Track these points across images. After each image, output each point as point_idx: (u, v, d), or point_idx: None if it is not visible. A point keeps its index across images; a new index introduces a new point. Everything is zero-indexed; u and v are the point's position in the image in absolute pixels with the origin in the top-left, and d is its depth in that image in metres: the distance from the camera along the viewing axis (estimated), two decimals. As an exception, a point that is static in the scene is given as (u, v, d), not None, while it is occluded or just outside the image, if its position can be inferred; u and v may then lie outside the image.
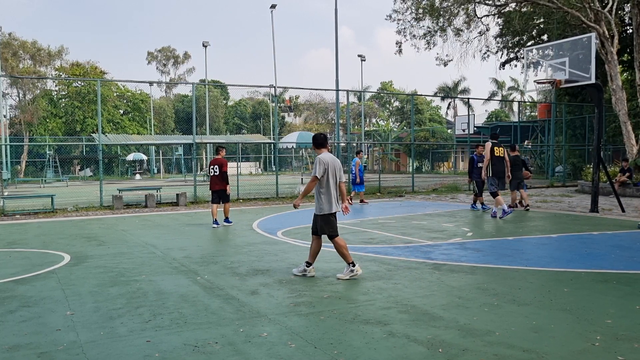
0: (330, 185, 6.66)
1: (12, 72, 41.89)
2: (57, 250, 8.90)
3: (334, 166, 6.71)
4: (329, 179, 6.66)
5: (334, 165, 6.71)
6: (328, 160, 6.68)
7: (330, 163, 6.69)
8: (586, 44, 13.76)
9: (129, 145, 44.09)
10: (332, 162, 6.72)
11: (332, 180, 6.69)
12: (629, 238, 9.66)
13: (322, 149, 6.84)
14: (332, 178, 6.68)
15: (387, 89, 67.83)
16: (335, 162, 6.76)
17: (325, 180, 6.66)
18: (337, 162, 6.80)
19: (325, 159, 6.67)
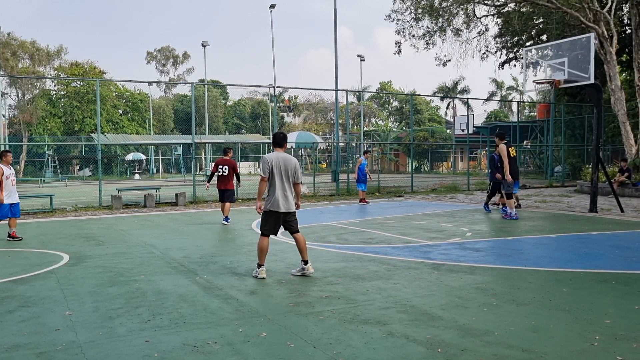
0: (275, 184, 6.58)
1: (11, 72, 41.89)
2: (56, 250, 8.89)
3: (282, 165, 6.60)
4: (274, 178, 6.58)
5: (281, 164, 6.60)
6: (273, 159, 6.59)
7: (275, 162, 6.60)
8: (585, 44, 13.77)
9: (128, 145, 44.08)
10: (279, 161, 6.61)
11: (279, 179, 6.58)
12: (627, 238, 9.66)
13: (278, 148, 6.80)
14: (278, 177, 6.58)
15: (386, 89, 67.84)
16: (287, 162, 6.64)
17: (270, 179, 6.62)
18: (290, 162, 6.68)
19: (270, 158, 6.60)
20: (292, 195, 6.73)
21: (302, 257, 6.78)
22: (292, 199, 6.72)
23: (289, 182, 6.64)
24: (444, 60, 27.15)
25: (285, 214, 6.68)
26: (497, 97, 62.67)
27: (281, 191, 6.59)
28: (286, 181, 6.62)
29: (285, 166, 6.63)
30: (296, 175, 6.72)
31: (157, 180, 38.94)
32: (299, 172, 6.76)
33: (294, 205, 6.75)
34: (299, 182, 6.79)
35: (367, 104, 64.12)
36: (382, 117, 70.52)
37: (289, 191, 6.65)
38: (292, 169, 6.68)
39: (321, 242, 9.47)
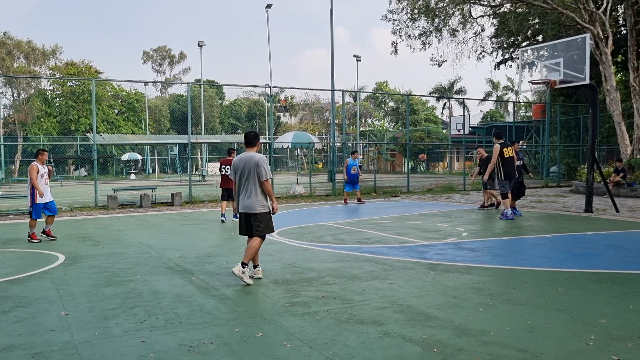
0: (238, 185, 6.39)
1: (7, 71, 41.71)
2: (51, 250, 8.86)
3: (242, 166, 6.32)
4: (236, 180, 6.41)
5: (240, 165, 6.34)
6: (236, 161, 6.40)
7: (236, 163, 6.39)
8: (581, 45, 13.82)
9: (124, 145, 43.96)
10: (240, 162, 6.35)
11: (239, 181, 6.37)
12: (623, 238, 9.70)
13: (249, 147, 6.49)
14: (238, 179, 6.37)
15: (383, 89, 67.90)
16: (247, 161, 6.31)
17: (236, 182, 6.45)
18: (250, 160, 6.30)
19: (234, 161, 6.45)
20: (258, 196, 6.29)
21: (253, 262, 6.54)
22: (257, 199, 6.28)
23: (253, 182, 6.27)
24: (440, 60, 27.23)
25: (248, 215, 6.35)
26: (493, 98, 62.83)
27: (243, 193, 6.33)
28: (249, 181, 6.27)
29: (244, 166, 6.32)
30: (259, 173, 6.25)
31: (153, 180, 38.86)
32: (261, 169, 6.24)
33: (257, 205, 6.29)
34: (266, 179, 6.28)
35: (364, 104, 64.16)
36: (378, 117, 70.57)
37: (252, 192, 6.28)
38: (251, 168, 6.27)
39: (317, 242, 9.47)
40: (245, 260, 6.29)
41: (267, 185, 6.30)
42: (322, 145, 49.11)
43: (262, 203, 6.34)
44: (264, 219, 6.35)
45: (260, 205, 6.32)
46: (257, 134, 6.63)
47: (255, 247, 6.35)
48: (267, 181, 6.28)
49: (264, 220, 6.36)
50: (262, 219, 6.34)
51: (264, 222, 6.35)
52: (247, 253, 6.34)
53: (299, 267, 7.24)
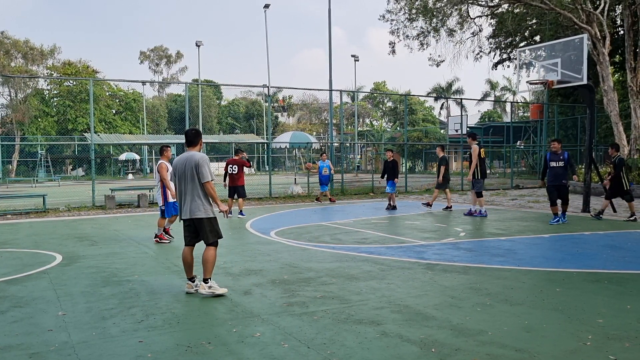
0: (180, 188, 5.81)
1: (4, 70, 41.62)
2: (48, 250, 8.85)
3: (181, 167, 5.76)
4: (178, 183, 5.83)
5: (180, 166, 5.78)
6: (176, 162, 5.85)
7: (176, 165, 5.85)
8: (578, 45, 13.84)
9: (122, 145, 43.90)
10: (180, 164, 5.77)
11: (179, 183, 5.81)
12: (620, 238, 9.72)
13: (190, 147, 5.86)
14: (178, 181, 5.83)
15: (381, 89, 67.92)
16: (186, 161, 5.73)
17: (176, 185, 5.94)
18: (190, 160, 5.71)
19: (174, 162, 5.92)
20: (201, 199, 5.70)
21: (204, 274, 5.81)
22: (199, 203, 5.69)
23: (192, 184, 5.68)
24: (438, 60, 27.26)
25: (191, 221, 5.80)
26: (491, 98, 62.90)
27: (183, 196, 5.77)
28: (188, 184, 5.70)
29: (183, 167, 5.73)
30: (199, 173, 5.64)
31: (151, 180, 38.75)
32: (202, 169, 5.62)
33: (200, 210, 5.68)
34: (206, 181, 5.65)
35: (362, 104, 64.17)
36: (376, 117, 70.59)
37: (194, 195, 5.69)
38: (190, 168, 5.68)
39: (315, 242, 9.47)
40: (207, 275, 5.76)
41: (208, 187, 5.65)
42: (320, 145, 49.11)
43: (206, 207, 5.71)
44: (209, 224, 5.77)
45: (204, 211, 5.70)
46: (198, 132, 5.96)
47: (211, 258, 5.76)
48: (208, 183, 5.64)
49: (209, 225, 5.77)
50: (207, 225, 5.76)
51: (209, 228, 5.77)
52: (206, 267, 5.75)
53: (297, 267, 7.24)
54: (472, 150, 13.11)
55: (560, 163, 11.62)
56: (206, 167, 5.70)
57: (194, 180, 5.71)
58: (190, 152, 5.83)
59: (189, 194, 5.74)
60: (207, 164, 5.73)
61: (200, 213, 5.72)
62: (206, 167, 5.70)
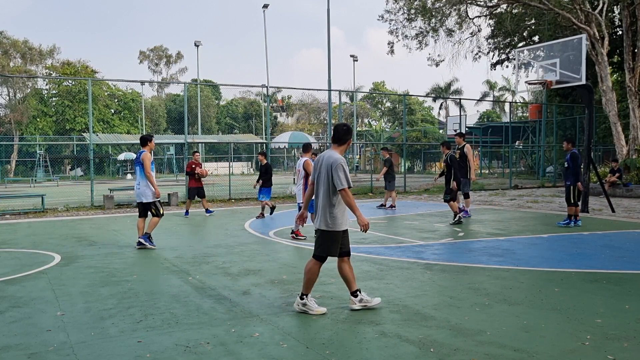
0: (316, 190, 5.44)
1: (3, 71, 41.57)
2: (47, 250, 8.84)
3: (320, 167, 5.38)
4: (316, 183, 5.44)
5: (319, 165, 5.41)
6: (316, 161, 5.48)
7: (316, 163, 5.48)
8: (577, 45, 13.86)
9: (120, 144, 43.87)
10: (319, 162, 5.42)
11: (318, 185, 5.38)
12: (618, 238, 9.73)
13: (337, 145, 5.37)
14: (316, 182, 5.41)
15: (379, 89, 67.94)
16: (326, 161, 5.29)
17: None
18: (328, 161, 5.24)
19: (315, 159, 5.56)
20: (329, 207, 5.18)
21: None
22: (327, 211, 5.18)
23: (325, 188, 5.19)
24: (437, 60, 27.27)
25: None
26: (490, 98, 62.94)
27: (317, 199, 5.38)
28: (321, 187, 5.23)
29: (319, 167, 5.38)
30: (333, 178, 5.13)
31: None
32: (337, 174, 5.08)
33: (324, 220, 5.20)
34: (341, 188, 5.09)
35: (360, 104, 64.17)
36: (375, 117, 70.60)
37: (325, 200, 5.19)
38: (326, 170, 5.27)
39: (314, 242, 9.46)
40: (305, 291, 5.22)
41: (344, 195, 5.09)
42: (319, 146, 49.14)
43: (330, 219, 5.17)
44: (322, 237, 5.25)
45: (325, 222, 5.19)
46: (350, 129, 5.43)
47: (309, 272, 5.21)
48: (343, 190, 5.06)
49: (322, 238, 5.23)
50: (321, 236, 5.26)
51: (321, 240, 5.26)
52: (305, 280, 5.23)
53: (296, 267, 7.24)
54: (467, 150, 12.91)
55: (565, 164, 11.52)
56: (342, 171, 5.07)
57: (324, 185, 5.17)
58: (331, 152, 5.25)
59: (321, 198, 5.21)
60: (344, 167, 5.12)
61: (322, 225, 5.17)
62: (342, 171, 5.07)
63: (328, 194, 5.13)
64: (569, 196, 11.36)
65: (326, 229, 5.14)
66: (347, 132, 5.31)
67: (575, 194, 11.32)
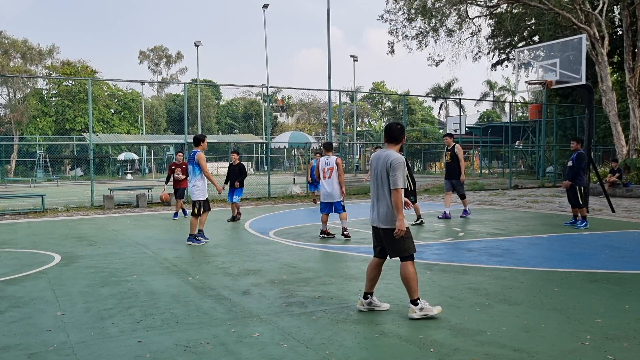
0: (373, 190, 5.32)
1: (3, 70, 41.57)
2: (47, 250, 8.84)
3: (377, 167, 5.23)
4: (372, 182, 5.33)
5: (376, 165, 5.26)
6: (372, 160, 5.36)
7: (372, 162, 5.35)
8: (577, 45, 13.86)
9: (120, 144, 43.86)
10: (375, 162, 5.27)
11: (375, 184, 5.29)
12: (618, 238, 9.73)
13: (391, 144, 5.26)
14: (374, 181, 5.31)
15: (379, 89, 67.95)
16: (383, 160, 5.14)
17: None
18: (386, 161, 5.09)
19: (371, 158, 5.42)
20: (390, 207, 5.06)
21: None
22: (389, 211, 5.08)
23: (383, 188, 5.12)
24: (437, 60, 27.26)
25: (377, 230, 5.31)
26: (490, 98, 62.96)
27: (374, 199, 5.28)
28: (379, 187, 5.16)
29: (377, 167, 5.25)
30: (390, 178, 5.06)
31: (150, 180, 38.76)
32: (395, 173, 4.99)
33: (389, 220, 5.09)
34: (395, 188, 5.01)
35: (360, 104, 64.19)
36: (375, 117, 70.61)
37: (383, 201, 5.11)
38: (383, 170, 5.17)
39: (314, 242, 9.48)
40: (414, 296, 5.00)
41: (396, 195, 4.99)
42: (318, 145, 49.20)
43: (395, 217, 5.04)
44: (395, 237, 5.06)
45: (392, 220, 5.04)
46: (403, 128, 5.34)
47: (410, 275, 4.98)
48: (397, 191, 4.99)
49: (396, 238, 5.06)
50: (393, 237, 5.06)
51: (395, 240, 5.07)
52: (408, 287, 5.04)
53: (296, 267, 7.24)
54: (458, 150, 12.75)
55: (570, 163, 11.25)
56: (400, 171, 4.99)
57: (384, 184, 5.09)
58: (388, 151, 5.17)
59: (378, 198, 5.17)
60: (403, 167, 5.03)
61: (391, 223, 5.05)
62: (400, 171, 4.99)
63: (390, 193, 5.06)
64: (576, 197, 11.11)
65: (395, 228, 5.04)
66: (402, 131, 5.26)
67: (582, 194, 11.13)
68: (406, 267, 5.00)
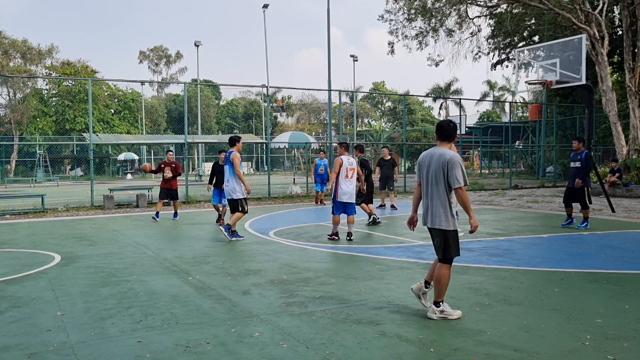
0: (424, 190, 5.24)
1: (3, 70, 41.57)
2: (47, 250, 8.83)
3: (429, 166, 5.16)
4: (422, 182, 5.29)
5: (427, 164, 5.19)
6: (421, 159, 5.28)
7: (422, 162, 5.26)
8: (577, 45, 13.88)
9: (120, 144, 43.86)
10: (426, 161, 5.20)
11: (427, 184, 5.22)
12: (618, 238, 9.73)
13: (444, 142, 5.17)
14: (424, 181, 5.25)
15: (379, 89, 67.95)
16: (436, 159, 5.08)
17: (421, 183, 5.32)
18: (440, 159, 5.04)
19: (419, 158, 5.35)
20: (444, 208, 5.11)
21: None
22: (443, 212, 5.11)
23: (437, 187, 5.11)
24: (437, 60, 27.28)
25: (432, 231, 5.30)
26: (490, 98, 62.96)
27: (426, 200, 5.21)
28: (433, 187, 5.12)
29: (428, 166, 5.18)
30: (450, 176, 5.01)
31: (150, 180, 38.75)
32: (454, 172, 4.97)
33: (442, 221, 5.10)
34: (458, 187, 5.01)
35: (360, 104, 64.18)
36: (375, 117, 70.60)
37: (437, 201, 5.11)
38: (438, 168, 5.12)
39: (314, 242, 9.47)
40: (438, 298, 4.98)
41: (461, 194, 5.04)
42: (318, 145, 49.20)
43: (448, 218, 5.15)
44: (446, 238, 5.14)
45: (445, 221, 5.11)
46: (456, 125, 5.32)
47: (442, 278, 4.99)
48: (461, 189, 5.00)
49: (447, 239, 5.14)
50: (444, 239, 5.14)
51: (446, 242, 5.14)
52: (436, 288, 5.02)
53: (296, 267, 7.24)
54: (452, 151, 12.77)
55: (577, 164, 10.95)
56: (459, 169, 4.94)
57: (439, 184, 5.02)
58: (441, 149, 5.07)
59: (432, 198, 5.09)
60: (461, 165, 4.97)
61: (442, 224, 5.04)
62: (459, 169, 4.94)
63: (445, 192, 5.01)
64: (584, 198, 10.89)
65: (447, 229, 5.04)
66: (455, 129, 5.19)
67: (589, 195, 10.96)
68: (442, 269, 5.00)
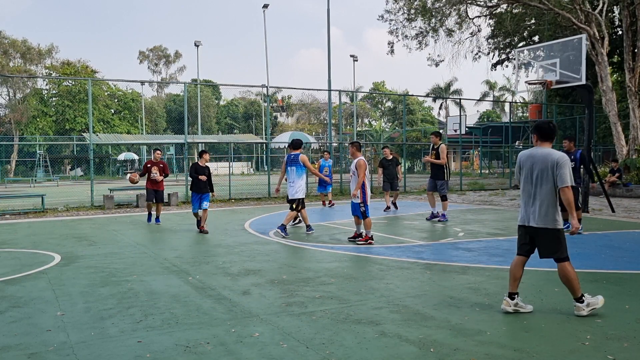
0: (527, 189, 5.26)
1: (2, 70, 41.57)
2: (47, 250, 8.83)
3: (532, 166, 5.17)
4: (524, 183, 5.31)
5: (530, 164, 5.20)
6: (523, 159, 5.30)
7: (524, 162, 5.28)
8: (577, 45, 13.86)
9: (120, 144, 43.86)
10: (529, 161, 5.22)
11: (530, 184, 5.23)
12: (618, 238, 9.73)
13: (545, 142, 5.19)
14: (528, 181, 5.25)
15: (379, 89, 67.95)
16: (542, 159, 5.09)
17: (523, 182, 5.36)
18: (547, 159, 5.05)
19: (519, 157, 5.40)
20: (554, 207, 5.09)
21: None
22: (552, 211, 5.08)
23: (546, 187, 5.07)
24: (437, 60, 27.28)
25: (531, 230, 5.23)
26: (490, 98, 62.97)
27: (530, 199, 5.22)
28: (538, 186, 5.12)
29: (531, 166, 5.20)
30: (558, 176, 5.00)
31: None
32: (562, 171, 4.95)
33: (550, 220, 5.07)
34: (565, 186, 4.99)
35: (360, 104, 64.18)
36: (375, 117, 70.61)
37: (546, 200, 5.06)
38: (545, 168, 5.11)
39: (314, 242, 9.47)
40: (577, 294, 5.07)
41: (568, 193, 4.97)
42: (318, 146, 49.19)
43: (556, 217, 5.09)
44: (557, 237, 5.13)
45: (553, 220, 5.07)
46: (556, 126, 5.30)
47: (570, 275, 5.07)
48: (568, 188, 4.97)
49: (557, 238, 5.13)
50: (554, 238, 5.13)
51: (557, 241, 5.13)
52: (570, 287, 5.13)
53: (296, 267, 7.24)
54: (441, 150, 12.23)
55: (571, 164, 10.45)
56: (567, 168, 4.96)
57: (547, 183, 5.02)
58: (546, 149, 5.11)
59: (538, 198, 5.07)
60: (568, 164, 4.99)
61: (550, 223, 5.05)
62: (567, 168, 4.96)
63: (553, 192, 5.04)
64: (577, 199, 10.63)
65: (555, 227, 5.07)
66: (555, 129, 5.22)
67: (578, 196, 10.85)
68: (565, 268, 5.06)
